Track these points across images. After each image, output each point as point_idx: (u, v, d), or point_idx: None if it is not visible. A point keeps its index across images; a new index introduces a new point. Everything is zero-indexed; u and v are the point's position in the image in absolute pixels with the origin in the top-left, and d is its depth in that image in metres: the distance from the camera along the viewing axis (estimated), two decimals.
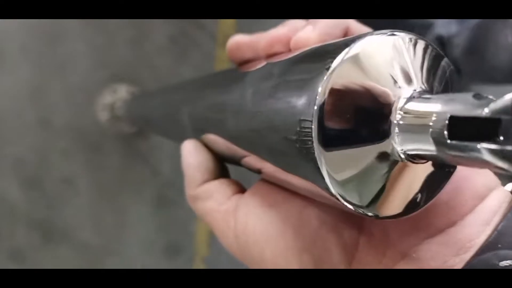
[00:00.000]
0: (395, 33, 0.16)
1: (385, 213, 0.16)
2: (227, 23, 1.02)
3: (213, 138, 0.24)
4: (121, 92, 1.02)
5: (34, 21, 1.00)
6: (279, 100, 0.17)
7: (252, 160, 0.21)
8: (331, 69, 0.15)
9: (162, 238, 1.11)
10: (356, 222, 0.19)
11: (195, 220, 1.09)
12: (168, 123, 0.37)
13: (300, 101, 0.16)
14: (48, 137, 1.05)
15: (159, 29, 1.02)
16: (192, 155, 0.24)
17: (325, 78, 0.15)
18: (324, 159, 0.15)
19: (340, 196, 0.16)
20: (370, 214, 0.16)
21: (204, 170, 0.24)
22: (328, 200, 0.17)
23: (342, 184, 0.15)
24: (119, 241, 1.10)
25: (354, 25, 0.22)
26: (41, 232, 1.07)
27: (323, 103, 0.15)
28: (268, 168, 0.20)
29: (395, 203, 0.16)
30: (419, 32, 0.67)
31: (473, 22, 0.77)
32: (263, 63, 0.21)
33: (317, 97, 0.15)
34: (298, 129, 0.15)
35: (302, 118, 0.15)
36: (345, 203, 0.16)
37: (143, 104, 0.61)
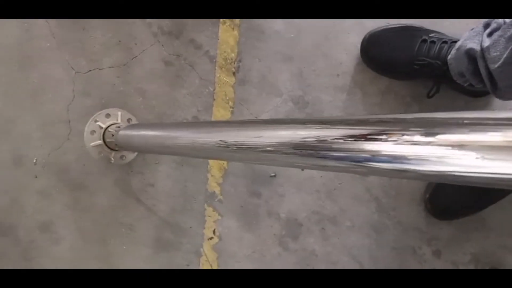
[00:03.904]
0: None
1: None
2: (228, 43, 0.92)
3: None
4: (115, 118, 0.89)
5: None
6: None
7: None
8: None
9: None
10: None
11: (196, 262, 0.96)
12: None
13: None
14: (22, 176, 0.92)
15: (151, 51, 0.91)
16: None
17: None
18: None
19: None
20: None
21: None
22: None
23: None
24: None
25: None
26: None
27: None
28: None
29: None
30: (441, 48, 0.55)
31: (510, 32, 0.69)
32: None
33: None
34: None
35: None
36: None
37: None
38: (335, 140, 0.31)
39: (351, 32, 0.92)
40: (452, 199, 0.92)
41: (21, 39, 0.88)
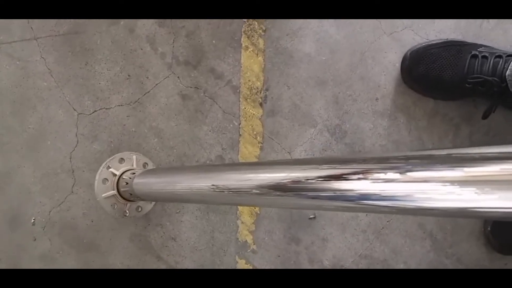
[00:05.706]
0: None
1: None
2: (253, 70, 0.81)
3: None
4: (130, 163, 0.76)
5: None
6: None
7: None
8: None
9: None
10: None
11: None
12: None
13: None
14: (19, 240, 0.77)
15: (166, 84, 0.79)
16: None
17: None
18: None
19: None
20: None
21: None
22: None
23: None
24: None
25: None
26: None
27: None
28: None
29: None
30: (495, 63, 0.42)
31: None
32: None
33: None
34: None
35: None
36: None
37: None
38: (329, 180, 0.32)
39: (388, 51, 0.83)
40: None
41: (13, 79, 0.76)
